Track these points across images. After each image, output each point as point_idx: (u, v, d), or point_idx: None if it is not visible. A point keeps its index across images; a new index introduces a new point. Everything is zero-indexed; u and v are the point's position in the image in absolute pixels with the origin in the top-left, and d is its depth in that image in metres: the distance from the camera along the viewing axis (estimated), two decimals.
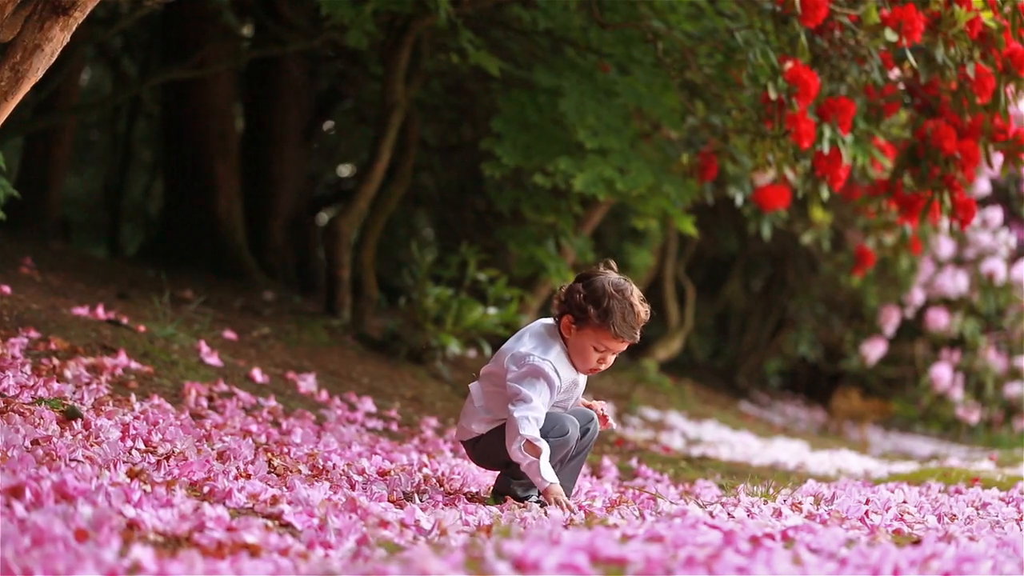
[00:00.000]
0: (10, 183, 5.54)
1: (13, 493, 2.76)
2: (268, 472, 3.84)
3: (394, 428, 5.53)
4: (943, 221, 6.77)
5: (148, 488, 3.13)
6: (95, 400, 4.41)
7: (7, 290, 5.56)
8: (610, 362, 3.92)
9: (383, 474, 4.18)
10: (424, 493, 3.93)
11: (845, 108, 5.85)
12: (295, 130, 9.51)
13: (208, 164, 8.66)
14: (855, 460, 8.41)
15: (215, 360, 5.48)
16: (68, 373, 4.74)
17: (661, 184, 6.58)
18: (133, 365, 5.07)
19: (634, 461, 5.77)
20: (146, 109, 11.02)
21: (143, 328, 5.56)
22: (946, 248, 12.01)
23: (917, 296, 12.14)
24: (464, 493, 4.05)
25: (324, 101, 10.18)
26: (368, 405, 5.67)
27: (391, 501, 3.67)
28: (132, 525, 2.78)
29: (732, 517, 3.21)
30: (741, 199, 8.09)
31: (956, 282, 12.12)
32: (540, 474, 3.62)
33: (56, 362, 4.78)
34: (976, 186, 11.91)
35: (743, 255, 12.86)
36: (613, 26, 6.23)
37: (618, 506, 3.90)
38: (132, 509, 2.83)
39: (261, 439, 4.52)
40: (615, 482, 5.05)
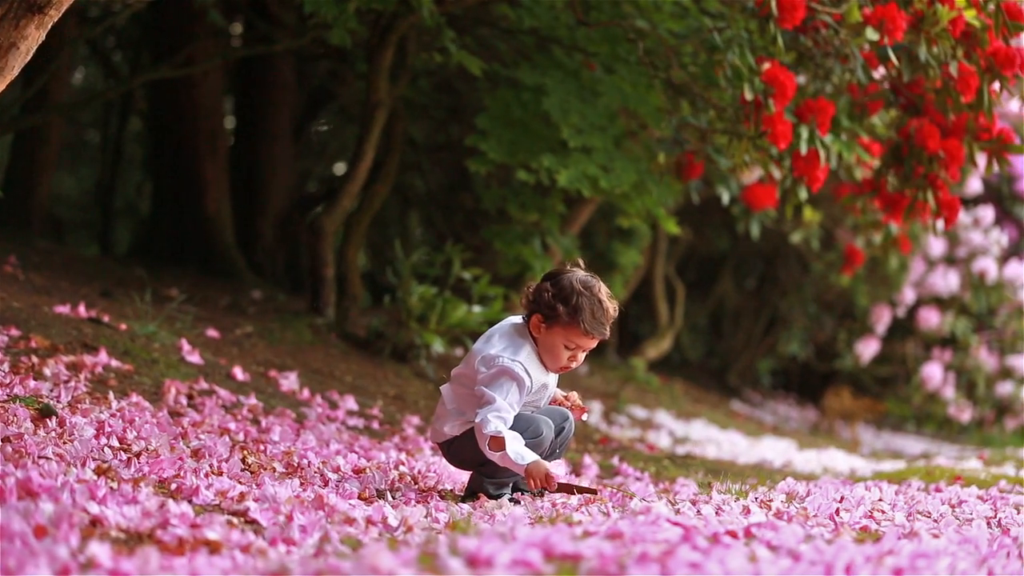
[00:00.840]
0: None
1: None
2: (242, 470, 3.85)
3: (375, 426, 5.53)
4: (928, 220, 6.77)
5: (115, 485, 3.14)
6: (72, 398, 4.42)
7: None
8: (580, 360, 3.92)
9: (358, 472, 4.19)
10: (397, 491, 3.94)
11: (823, 109, 5.86)
12: (285, 129, 9.52)
13: (197, 163, 8.66)
14: (842, 459, 8.42)
15: (196, 358, 5.48)
16: (47, 371, 4.74)
17: (645, 183, 6.59)
18: (113, 363, 5.07)
19: (616, 459, 5.78)
20: (138, 107, 11.02)
21: (124, 326, 5.56)
22: (937, 247, 12.02)
23: (908, 295, 12.14)
24: (438, 491, 4.06)
25: (314, 100, 10.19)
26: (350, 403, 5.67)
27: (362, 498, 3.68)
28: (95, 522, 2.79)
29: (700, 514, 3.22)
30: (727, 198, 8.10)
31: (947, 281, 12.12)
32: (515, 461, 3.60)
33: (35, 360, 4.78)
34: (967, 185, 11.93)
35: (734, 254, 12.87)
36: (595, 24, 6.24)
37: (592, 503, 3.90)
38: (96, 506, 2.84)
39: (239, 437, 4.52)
40: (594, 480, 5.06)
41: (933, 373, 12.25)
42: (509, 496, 3.89)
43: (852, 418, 11.79)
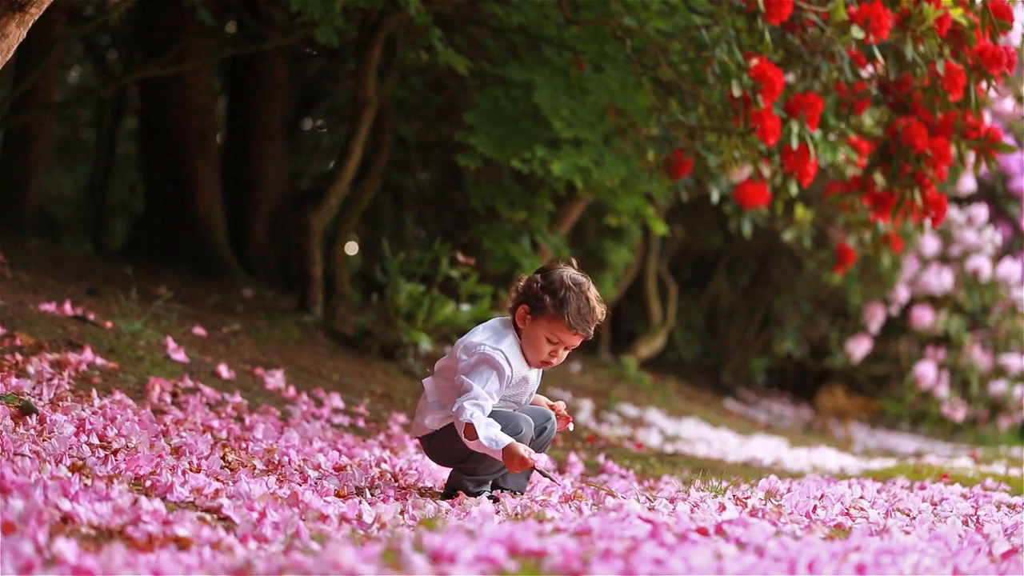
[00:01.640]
0: None
1: None
2: (222, 467, 3.86)
3: (361, 424, 5.53)
4: (916, 218, 6.78)
5: (88, 482, 3.15)
6: (55, 395, 4.42)
7: None
8: (562, 357, 3.93)
9: (339, 469, 4.19)
10: (377, 488, 3.94)
11: (813, 104, 5.86)
12: (278, 127, 9.52)
13: (188, 161, 8.67)
14: (833, 457, 8.43)
15: (181, 356, 5.49)
16: (31, 369, 4.75)
17: (635, 179, 6.60)
18: (98, 361, 5.08)
19: (601, 457, 5.78)
20: (132, 106, 11.03)
21: (110, 324, 5.56)
22: (931, 245, 12.02)
23: (902, 293, 12.14)
24: (417, 488, 4.06)
25: (307, 98, 10.20)
26: (336, 401, 5.67)
27: (341, 496, 3.69)
28: (66, 519, 2.79)
29: (674, 512, 3.22)
30: (717, 196, 8.10)
31: (941, 279, 12.13)
32: (489, 447, 3.58)
33: (19, 358, 4.79)
34: (961, 183, 11.94)
35: (728, 252, 12.87)
36: (583, 23, 6.24)
37: (571, 501, 3.91)
38: (68, 503, 2.84)
39: (222, 435, 4.53)
40: (578, 478, 5.06)
41: (926, 372, 12.25)
42: (489, 494, 3.90)
43: (845, 417, 11.80)
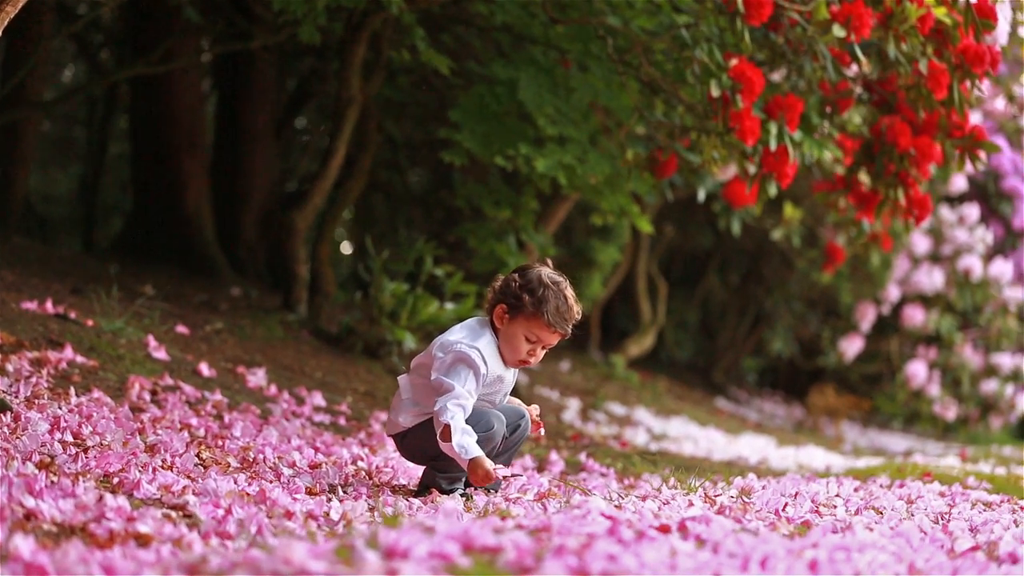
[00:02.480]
0: None
1: None
2: (195, 465, 3.86)
3: (342, 422, 5.54)
4: (899, 218, 6.79)
5: (55, 479, 3.15)
6: (31, 393, 4.43)
7: None
8: (539, 356, 3.93)
9: (314, 467, 4.20)
10: (350, 486, 3.95)
11: (792, 105, 5.87)
12: (267, 126, 9.53)
13: (177, 160, 8.68)
14: (820, 456, 8.44)
15: (162, 354, 5.49)
16: (9, 367, 4.75)
17: (620, 178, 6.60)
18: (79, 359, 5.08)
19: (583, 455, 5.79)
20: (123, 104, 11.04)
21: (91, 322, 5.57)
22: (922, 245, 12.03)
23: (893, 293, 12.15)
24: (391, 486, 4.07)
25: (296, 97, 10.20)
26: (317, 399, 5.68)
27: (312, 493, 3.70)
28: (29, 515, 2.80)
29: (639, 510, 3.23)
30: (703, 195, 8.10)
31: (932, 279, 12.14)
32: (460, 454, 3.59)
33: None
34: (952, 182, 11.95)
35: (719, 252, 12.88)
36: (564, 21, 6.25)
37: (546, 499, 3.91)
38: (32, 499, 2.85)
39: (200, 433, 4.53)
40: (556, 476, 5.07)
41: (917, 371, 12.26)
42: (462, 491, 3.91)
43: (836, 415, 11.81)
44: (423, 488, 3.95)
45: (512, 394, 4.14)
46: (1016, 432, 15.49)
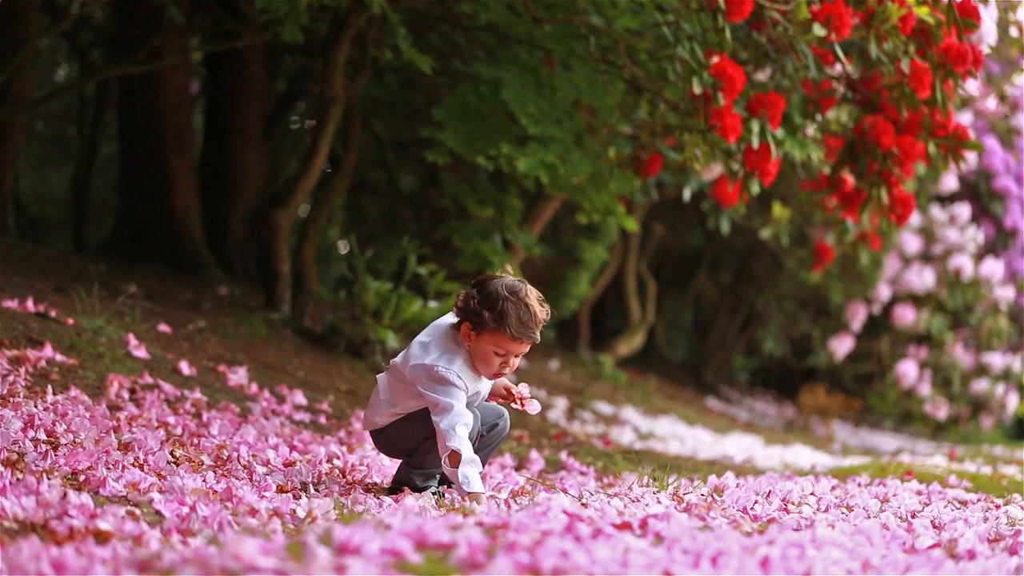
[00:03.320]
0: None
1: None
2: (168, 463, 3.86)
3: (322, 421, 5.54)
4: (882, 217, 6.79)
5: (21, 476, 3.16)
6: (8, 391, 4.43)
7: None
8: (514, 365, 3.91)
9: (289, 465, 4.21)
10: (322, 484, 3.95)
11: (774, 103, 5.88)
12: (256, 125, 9.53)
13: (165, 159, 8.68)
14: (807, 455, 8.44)
15: (143, 353, 5.50)
16: None
17: (604, 177, 6.60)
18: (58, 358, 5.08)
19: (563, 454, 5.79)
20: (113, 103, 11.04)
21: (72, 321, 5.57)
22: (913, 244, 12.04)
23: (884, 292, 12.16)
24: (364, 484, 4.07)
25: (286, 97, 10.21)
26: (298, 398, 5.68)
27: (284, 491, 3.70)
28: None
29: (601, 507, 3.24)
30: (688, 194, 8.11)
31: (923, 278, 12.15)
32: (462, 484, 3.58)
33: None
34: (943, 182, 11.96)
35: (709, 251, 12.89)
36: (548, 21, 6.26)
37: (518, 496, 3.92)
38: None
39: (177, 431, 4.53)
40: (535, 474, 5.07)
41: (908, 370, 12.27)
42: (434, 489, 3.92)
43: (827, 415, 11.82)
44: (396, 485, 3.96)
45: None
46: (1011, 432, 15.51)
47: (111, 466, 3.52)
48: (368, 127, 9.08)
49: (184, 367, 5.53)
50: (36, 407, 4.25)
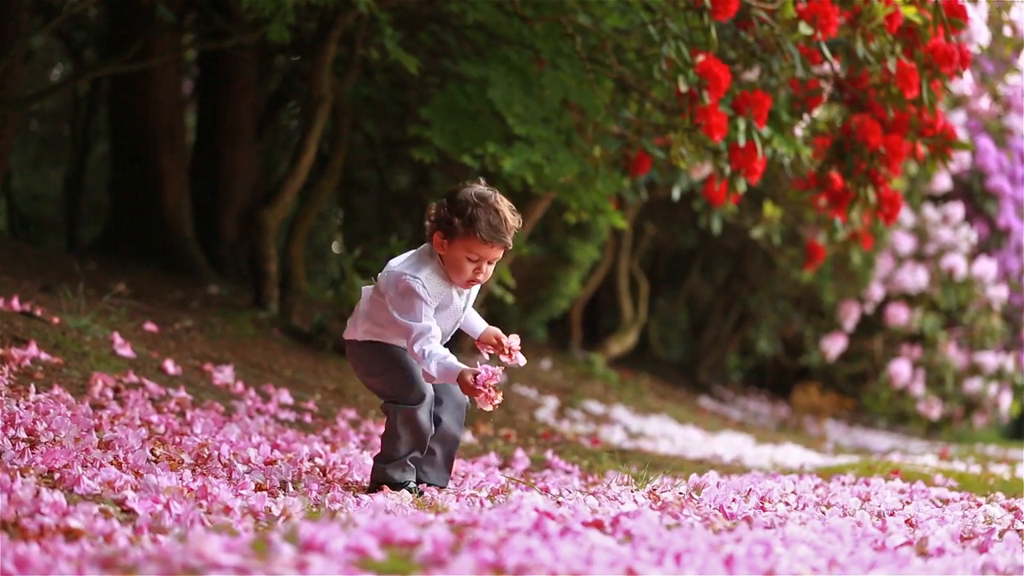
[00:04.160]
0: None
1: None
2: (148, 461, 3.87)
3: (308, 419, 5.55)
4: (870, 216, 6.80)
5: None
6: None
7: None
8: (488, 272, 3.92)
9: (270, 463, 4.21)
10: (301, 482, 3.96)
11: (760, 101, 5.88)
12: (248, 125, 9.53)
13: (156, 158, 8.69)
14: (797, 454, 8.44)
15: (128, 351, 5.50)
16: None
17: (590, 176, 6.60)
18: (43, 356, 5.09)
19: (549, 453, 5.80)
20: (105, 103, 11.03)
21: (57, 320, 5.58)
22: (906, 243, 12.04)
23: (877, 291, 12.16)
24: (344, 482, 4.08)
25: (278, 96, 10.21)
26: (284, 396, 5.69)
27: (262, 490, 3.70)
28: None
29: (573, 506, 3.24)
30: (678, 193, 8.11)
31: (916, 278, 12.15)
32: (450, 379, 3.69)
33: None
34: (936, 181, 11.96)
35: (703, 250, 12.89)
36: (534, 20, 6.26)
37: (498, 495, 3.93)
38: None
39: (160, 430, 4.54)
40: (519, 473, 5.08)
41: (901, 370, 12.27)
42: (412, 486, 3.92)
43: (820, 414, 11.82)
44: (375, 485, 3.96)
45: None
46: (1007, 432, 15.51)
47: (88, 464, 3.52)
48: (359, 126, 9.08)
49: (169, 366, 5.54)
50: (17, 406, 4.25)
